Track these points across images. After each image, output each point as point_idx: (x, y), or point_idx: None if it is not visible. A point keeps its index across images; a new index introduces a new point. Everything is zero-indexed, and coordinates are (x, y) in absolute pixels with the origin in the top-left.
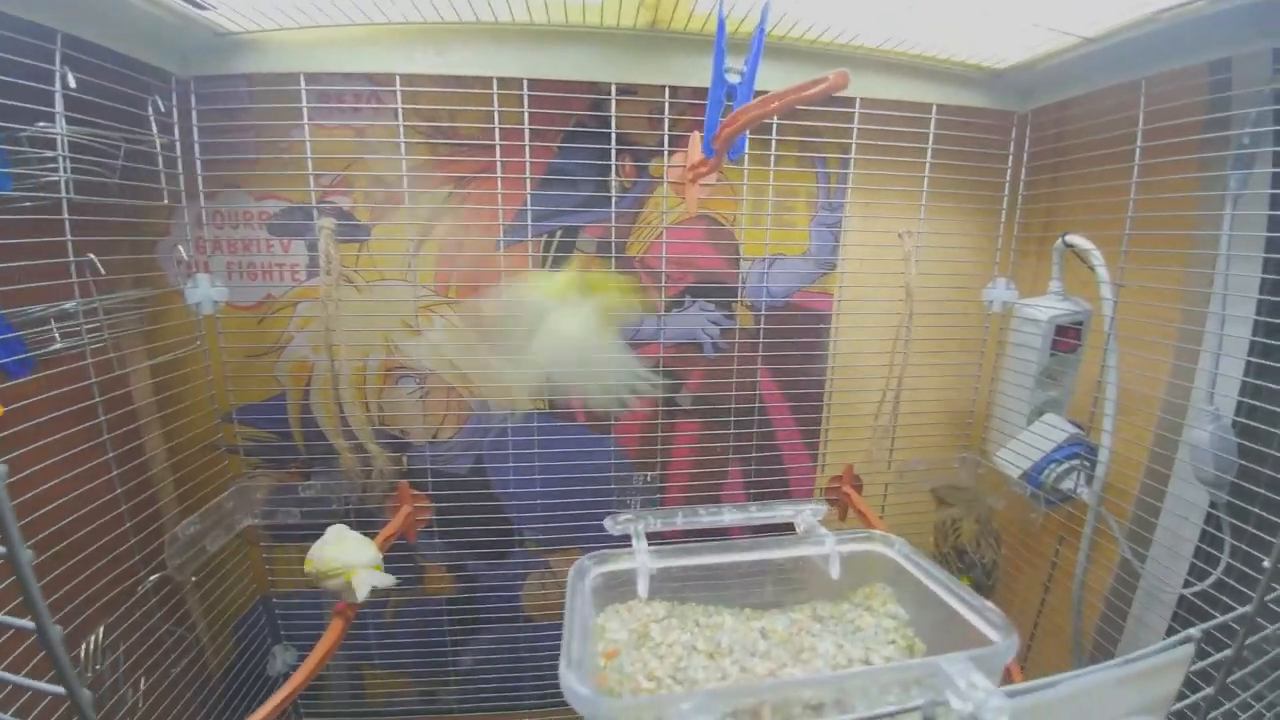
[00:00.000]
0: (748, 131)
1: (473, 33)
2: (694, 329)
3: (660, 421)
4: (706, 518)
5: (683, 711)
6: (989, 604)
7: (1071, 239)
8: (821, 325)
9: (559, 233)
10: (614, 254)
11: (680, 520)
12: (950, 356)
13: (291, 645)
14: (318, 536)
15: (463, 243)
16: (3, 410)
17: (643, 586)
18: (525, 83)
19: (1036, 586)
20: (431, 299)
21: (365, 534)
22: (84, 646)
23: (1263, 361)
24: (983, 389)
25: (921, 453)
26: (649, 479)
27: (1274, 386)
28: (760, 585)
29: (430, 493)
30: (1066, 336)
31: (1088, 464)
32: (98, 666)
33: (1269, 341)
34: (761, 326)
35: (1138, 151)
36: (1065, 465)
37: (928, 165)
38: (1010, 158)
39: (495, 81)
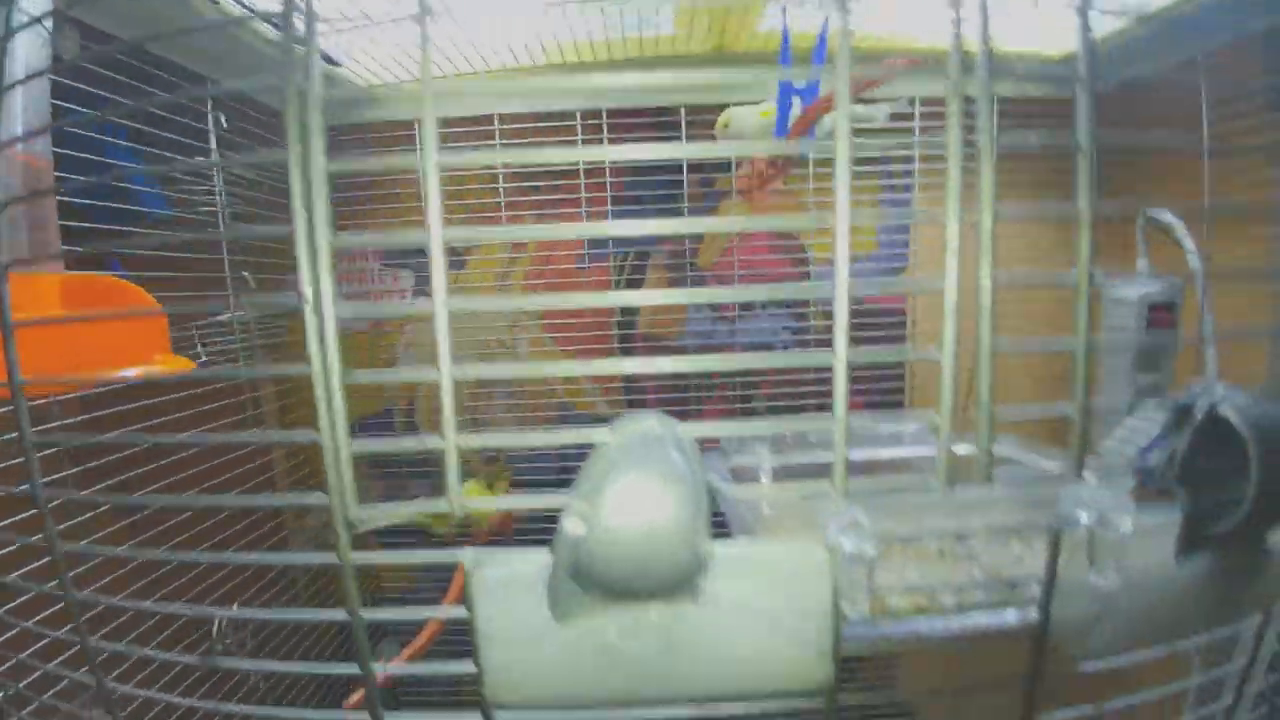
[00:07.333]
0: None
1: (557, 71)
2: (766, 335)
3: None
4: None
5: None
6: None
7: (1154, 214)
8: (897, 323)
9: (633, 252)
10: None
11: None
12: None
13: (396, 641)
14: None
15: (549, 262)
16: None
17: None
18: (604, 114)
19: None
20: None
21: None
22: (216, 623)
23: None
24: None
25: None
26: None
27: None
28: None
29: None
30: (1161, 314)
31: None
32: (226, 640)
33: None
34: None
35: (1204, 123)
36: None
37: (992, 156)
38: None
39: (579, 115)
